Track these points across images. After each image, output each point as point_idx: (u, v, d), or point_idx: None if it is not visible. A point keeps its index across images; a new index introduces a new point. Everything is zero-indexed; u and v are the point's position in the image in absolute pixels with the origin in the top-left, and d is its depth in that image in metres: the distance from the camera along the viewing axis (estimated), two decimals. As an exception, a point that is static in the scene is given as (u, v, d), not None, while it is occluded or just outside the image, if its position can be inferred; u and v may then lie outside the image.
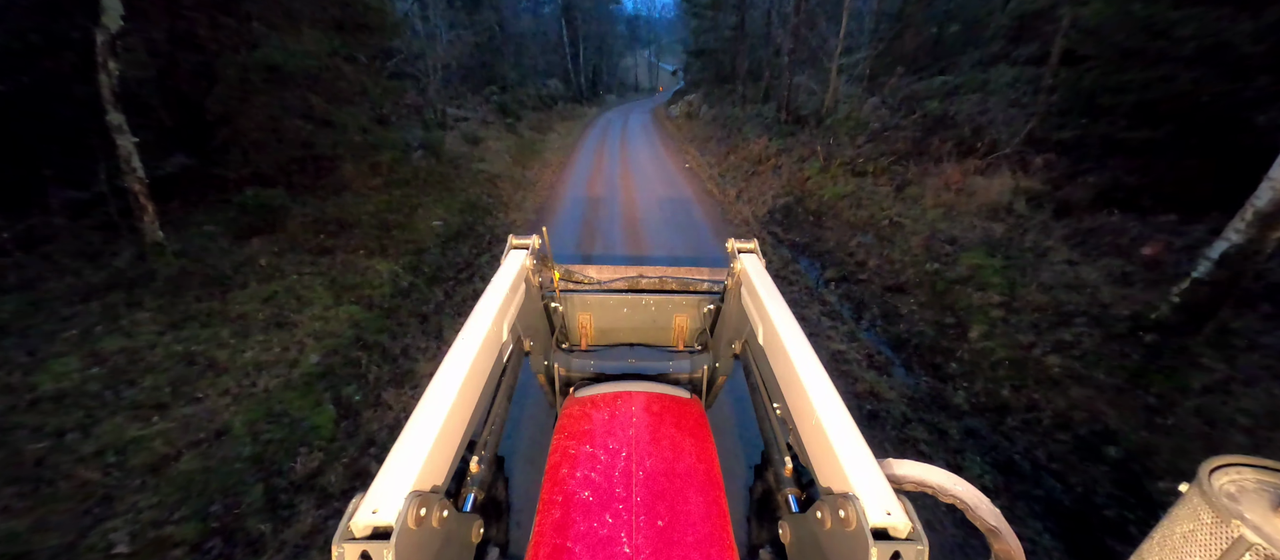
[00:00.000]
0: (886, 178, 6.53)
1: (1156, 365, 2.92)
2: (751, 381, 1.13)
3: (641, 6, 57.63)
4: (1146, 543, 0.59)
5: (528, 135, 13.75)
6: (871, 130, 7.81)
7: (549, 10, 28.12)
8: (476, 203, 7.21)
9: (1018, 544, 0.65)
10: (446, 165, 8.44)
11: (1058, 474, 2.70)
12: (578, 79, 28.33)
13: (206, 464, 2.46)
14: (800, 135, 9.56)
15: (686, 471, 0.90)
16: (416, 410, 0.70)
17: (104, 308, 3.54)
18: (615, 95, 36.86)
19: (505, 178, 8.99)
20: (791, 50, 10.97)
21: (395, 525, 0.52)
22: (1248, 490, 0.54)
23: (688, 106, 19.19)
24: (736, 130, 12.66)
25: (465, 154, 9.72)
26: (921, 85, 8.83)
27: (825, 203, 6.59)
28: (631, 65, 47.28)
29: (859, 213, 6.03)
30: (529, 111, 16.66)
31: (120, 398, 2.85)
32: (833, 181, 7.00)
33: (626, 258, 5.52)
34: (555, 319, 1.43)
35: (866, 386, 3.37)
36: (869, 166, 6.86)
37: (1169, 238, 3.88)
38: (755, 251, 1.30)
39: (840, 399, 0.74)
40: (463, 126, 11.89)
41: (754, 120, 12.76)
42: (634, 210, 7.44)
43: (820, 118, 9.55)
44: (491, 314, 0.95)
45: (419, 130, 11.01)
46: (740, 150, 10.86)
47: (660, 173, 10.16)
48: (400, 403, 3.14)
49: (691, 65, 25.90)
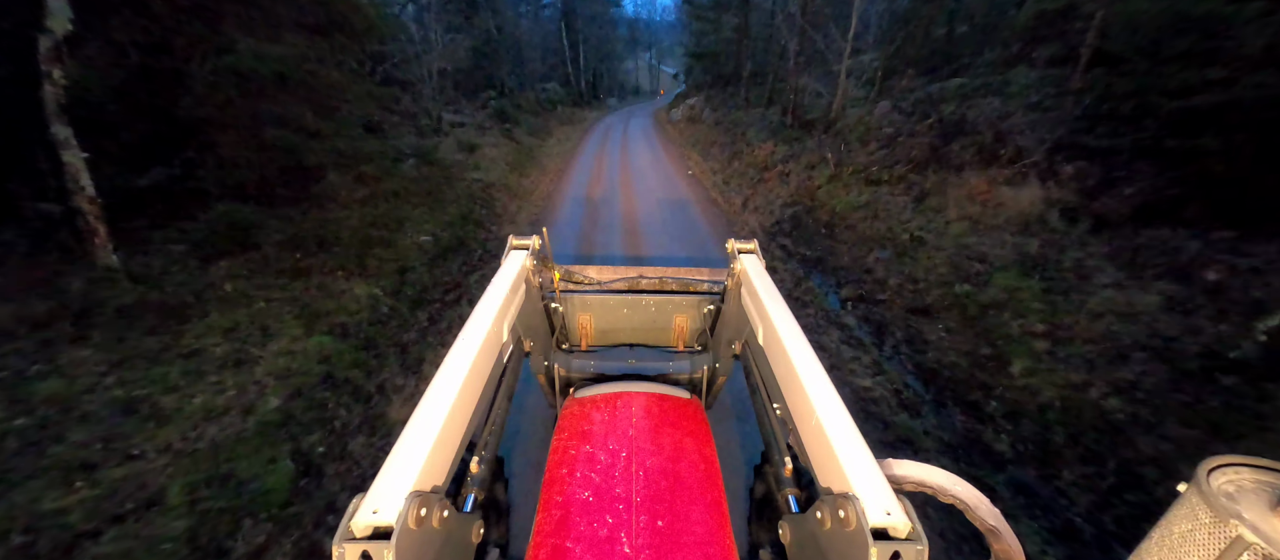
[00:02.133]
0: (903, 187, 6.14)
1: (1241, 414, 2.52)
2: (751, 382, 1.12)
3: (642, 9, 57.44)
4: (1145, 542, 0.59)
5: (526, 141, 13.39)
6: (884, 135, 7.43)
7: (549, 13, 27.82)
8: (468, 214, 6.84)
9: (1017, 544, 0.65)
10: (439, 174, 8.08)
11: (1131, 544, 2.30)
12: (578, 82, 28.02)
13: (127, 546, 2.08)
14: (808, 140, 9.17)
15: (686, 472, 0.90)
16: (417, 410, 0.70)
17: (41, 344, 3.16)
18: (616, 98, 36.57)
19: (500, 186, 8.62)
20: (797, 52, 10.60)
21: (395, 525, 0.52)
22: (1246, 490, 0.54)
23: (690, 110, 18.84)
24: (740, 135, 12.29)
25: (460, 161, 9.36)
26: (935, 88, 8.44)
27: (837, 213, 6.20)
28: (632, 68, 47.06)
29: (875, 225, 5.64)
30: (528, 116, 16.32)
31: (43, 456, 2.47)
32: (845, 190, 6.62)
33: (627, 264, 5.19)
34: (555, 319, 1.42)
35: (898, 431, 2.97)
36: (884, 175, 6.47)
37: (1230, 258, 3.47)
38: (755, 252, 1.28)
39: (840, 399, 0.73)
40: (459, 132, 11.54)
41: (758, 124, 12.40)
42: (635, 220, 7.07)
43: (829, 122, 9.17)
44: (491, 314, 0.95)
45: (413, 137, 10.68)
46: (745, 156, 10.48)
47: (662, 179, 9.79)
48: (370, 454, 2.76)
49: (693, 68, 25.60)
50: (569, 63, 27.48)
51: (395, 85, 11.83)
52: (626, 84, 43.95)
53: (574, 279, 1.45)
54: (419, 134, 10.91)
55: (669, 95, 41.48)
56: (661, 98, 40.52)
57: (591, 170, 10.70)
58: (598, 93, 32.08)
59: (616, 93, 38.36)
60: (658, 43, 52.14)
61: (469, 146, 10.33)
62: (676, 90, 43.63)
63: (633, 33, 46.79)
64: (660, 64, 51.35)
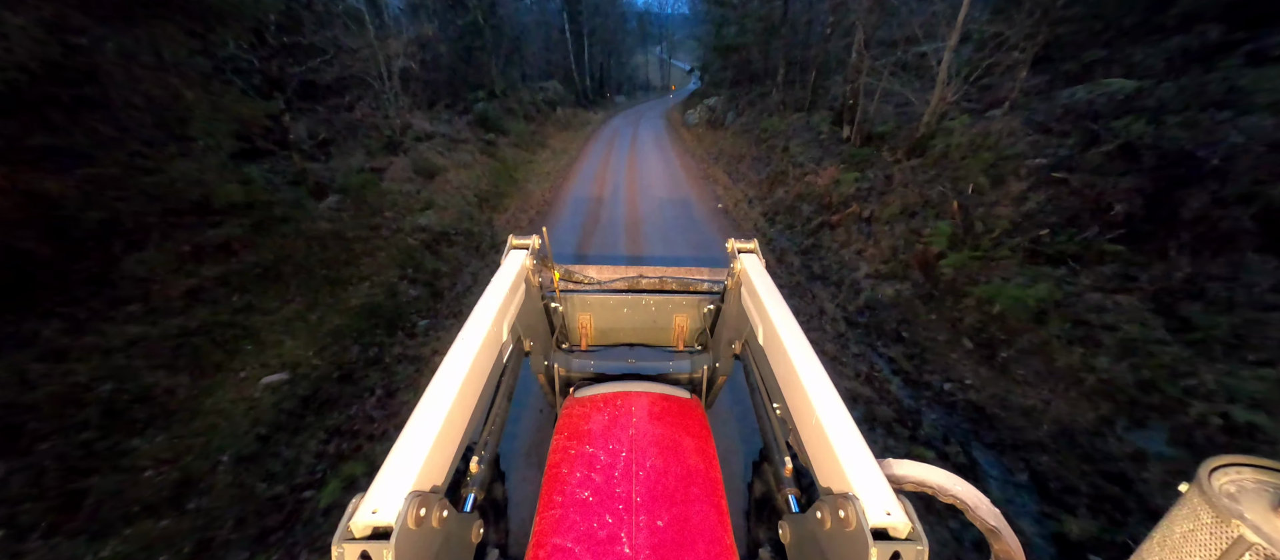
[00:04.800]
0: (1116, 274, 3.54)
1: None
2: (751, 381, 1.12)
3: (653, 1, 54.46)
4: (1146, 542, 0.59)
5: (510, 155, 10.89)
6: (1030, 169, 4.81)
7: (554, 5, 25.23)
8: (389, 299, 4.36)
9: (1018, 544, 0.66)
10: (363, 221, 5.61)
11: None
12: (582, 80, 25.44)
13: None
14: (888, 166, 6.56)
15: (686, 471, 0.90)
16: (416, 410, 0.69)
17: None
18: (624, 96, 33.96)
19: (458, 235, 6.12)
20: (864, 41, 7.95)
21: (395, 525, 0.52)
22: (1247, 490, 0.54)
23: (708, 112, 16.21)
24: (779, 149, 9.68)
25: (407, 195, 6.88)
26: (1083, 93, 5.79)
27: (995, 318, 3.62)
28: (642, 63, 44.38)
29: (1093, 357, 3.05)
30: (519, 122, 13.81)
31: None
32: (993, 268, 4.02)
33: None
34: (555, 319, 1.42)
35: None
36: (1068, 245, 3.86)
37: None
38: (755, 251, 1.28)
39: (840, 399, 0.73)
40: (424, 147, 9.07)
41: (802, 135, 9.77)
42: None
43: (916, 140, 6.55)
44: (491, 314, 0.94)
45: (362, 156, 8.23)
46: (791, 179, 7.89)
47: (682, 215, 7.22)
48: None
49: (711, 63, 22.89)
50: (573, 58, 24.89)
51: (347, 90, 9.42)
52: (635, 79, 41.29)
53: (574, 279, 1.45)
54: (369, 153, 8.47)
55: (681, 91, 38.81)
56: (673, 94, 37.84)
57: (589, 199, 8.17)
58: (604, 90, 29.41)
59: (625, 89, 35.67)
60: (669, 35, 49.25)
61: (427, 171, 7.84)
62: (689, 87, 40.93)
63: (642, 26, 43.98)
64: (671, 58, 48.54)
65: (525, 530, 0.84)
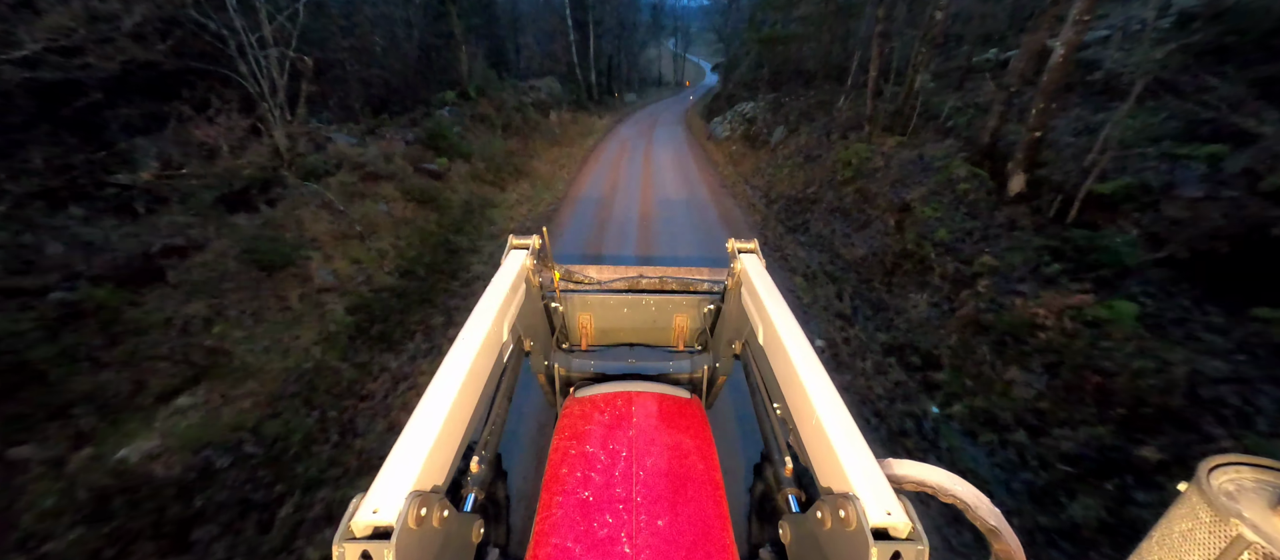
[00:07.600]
0: None
1: None
2: (751, 381, 1.11)
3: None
4: (1145, 541, 0.58)
5: (461, 196, 7.30)
6: None
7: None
8: None
9: (1018, 544, 0.65)
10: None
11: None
12: (586, 77, 21.74)
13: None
14: (1142, 271, 2.91)
15: (686, 472, 0.89)
16: (417, 410, 0.68)
17: None
18: (635, 93, 30.15)
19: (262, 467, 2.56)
20: (1078, 21, 4.25)
21: (395, 525, 0.52)
22: (1246, 489, 0.53)
23: (746, 125, 12.46)
24: (883, 200, 6.01)
25: (163, 350, 3.33)
26: None
27: None
28: (655, 57, 40.51)
29: None
30: (493, 136, 10.23)
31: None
32: None
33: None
34: (555, 319, 1.41)
35: None
36: None
37: None
38: (755, 251, 1.26)
39: (840, 399, 0.72)
40: (302, 194, 5.51)
41: (919, 180, 6.06)
42: None
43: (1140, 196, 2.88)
44: (491, 314, 0.93)
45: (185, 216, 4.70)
46: (938, 278, 4.25)
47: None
48: None
49: (739, 60, 19.10)
50: (575, 51, 21.20)
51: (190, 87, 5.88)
52: (647, 75, 37.38)
53: (574, 278, 1.44)
54: (187, 209, 4.91)
55: (697, 88, 34.83)
56: (688, 91, 33.92)
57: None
58: (613, 88, 25.62)
59: (636, 86, 31.81)
60: (684, 28, 45.26)
61: (276, 252, 4.25)
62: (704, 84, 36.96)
63: (656, 17, 40.01)
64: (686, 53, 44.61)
65: (526, 530, 0.85)
